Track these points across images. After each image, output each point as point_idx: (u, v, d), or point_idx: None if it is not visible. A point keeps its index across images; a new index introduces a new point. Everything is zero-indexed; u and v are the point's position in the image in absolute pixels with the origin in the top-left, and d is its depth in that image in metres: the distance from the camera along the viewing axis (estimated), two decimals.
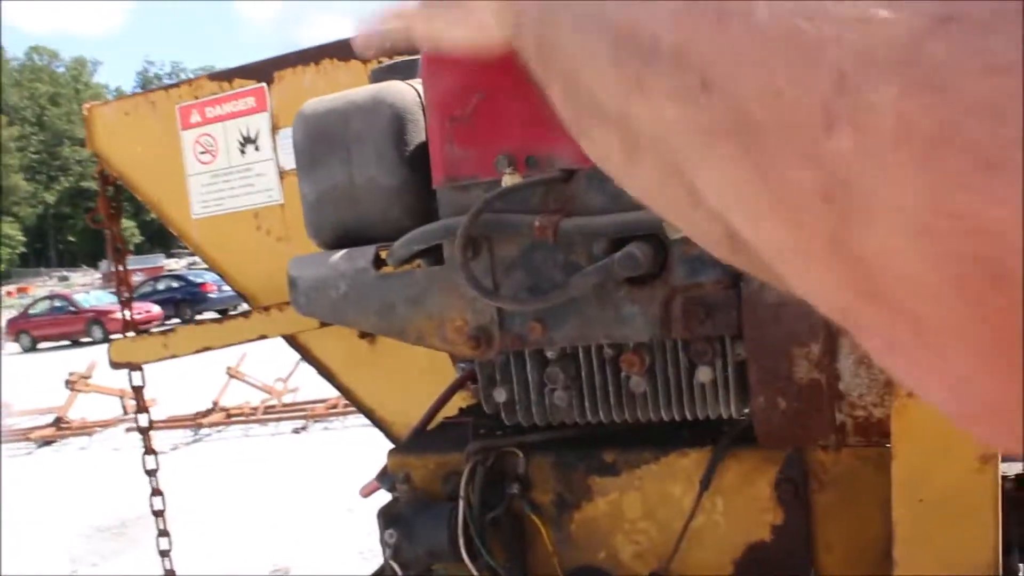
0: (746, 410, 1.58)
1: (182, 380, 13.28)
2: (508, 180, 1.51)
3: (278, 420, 11.66)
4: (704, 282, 1.48)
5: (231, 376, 11.97)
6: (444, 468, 1.85)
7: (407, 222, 1.74)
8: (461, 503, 1.74)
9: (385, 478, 1.88)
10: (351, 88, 1.92)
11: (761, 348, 1.44)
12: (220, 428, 11.88)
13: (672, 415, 1.61)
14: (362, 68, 2.89)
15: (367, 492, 1.92)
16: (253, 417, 11.73)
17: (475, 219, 1.50)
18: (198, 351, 3.06)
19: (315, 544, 7.04)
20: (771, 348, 1.43)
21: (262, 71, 3.04)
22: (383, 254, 1.73)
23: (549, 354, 1.66)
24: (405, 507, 1.82)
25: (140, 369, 3.25)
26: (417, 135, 1.77)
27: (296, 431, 11.32)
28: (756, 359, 1.45)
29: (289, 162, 2.99)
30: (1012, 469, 1.59)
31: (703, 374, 1.53)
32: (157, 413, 7.09)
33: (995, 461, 1.30)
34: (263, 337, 2.97)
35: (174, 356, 3.10)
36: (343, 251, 1.77)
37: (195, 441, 11.58)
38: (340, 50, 2.96)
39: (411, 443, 2.02)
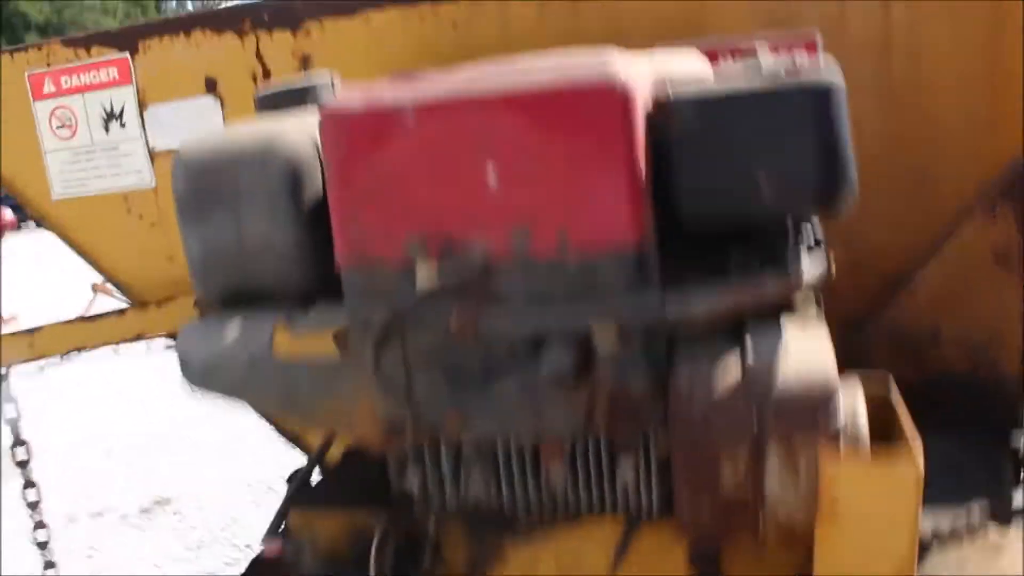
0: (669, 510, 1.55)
1: (43, 297, 12.55)
2: (422, 272, 1.39)
3: (151, 338, 11.19)
4: (631, 384, 1.42)
5: (96, 291, 11.34)
6: (352, 526, 1.77)
7: (305, 284, 1.61)
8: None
9: (289, 542, 1.79)
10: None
11: (687, 450, 1.40)
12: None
13: (592, 507, 1.56)
14: (238, 42, 2.64)
15: (271, 554, 1.83)
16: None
17: (385, 336, 1.39)
18: (69, 351, 2.85)
19: (200, 474, 6.86)
20: (698, 450, 1.39)
21: (125, 39, 2.73)
22: (280, 334, 1.58)
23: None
24: None
25: None
26: (314, 186, 1.61)
27: (171, 348, 10.92)
28: (682, 460, 1.41)
29: (160, 143, 2.74)
30: None
31: (625, 470, 1.49)
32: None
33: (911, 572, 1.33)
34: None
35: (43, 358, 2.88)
36: (236, 322, 1.62)
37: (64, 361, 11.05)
38: (213, 20, 2.68)
39: (314, 493, 1.93)
